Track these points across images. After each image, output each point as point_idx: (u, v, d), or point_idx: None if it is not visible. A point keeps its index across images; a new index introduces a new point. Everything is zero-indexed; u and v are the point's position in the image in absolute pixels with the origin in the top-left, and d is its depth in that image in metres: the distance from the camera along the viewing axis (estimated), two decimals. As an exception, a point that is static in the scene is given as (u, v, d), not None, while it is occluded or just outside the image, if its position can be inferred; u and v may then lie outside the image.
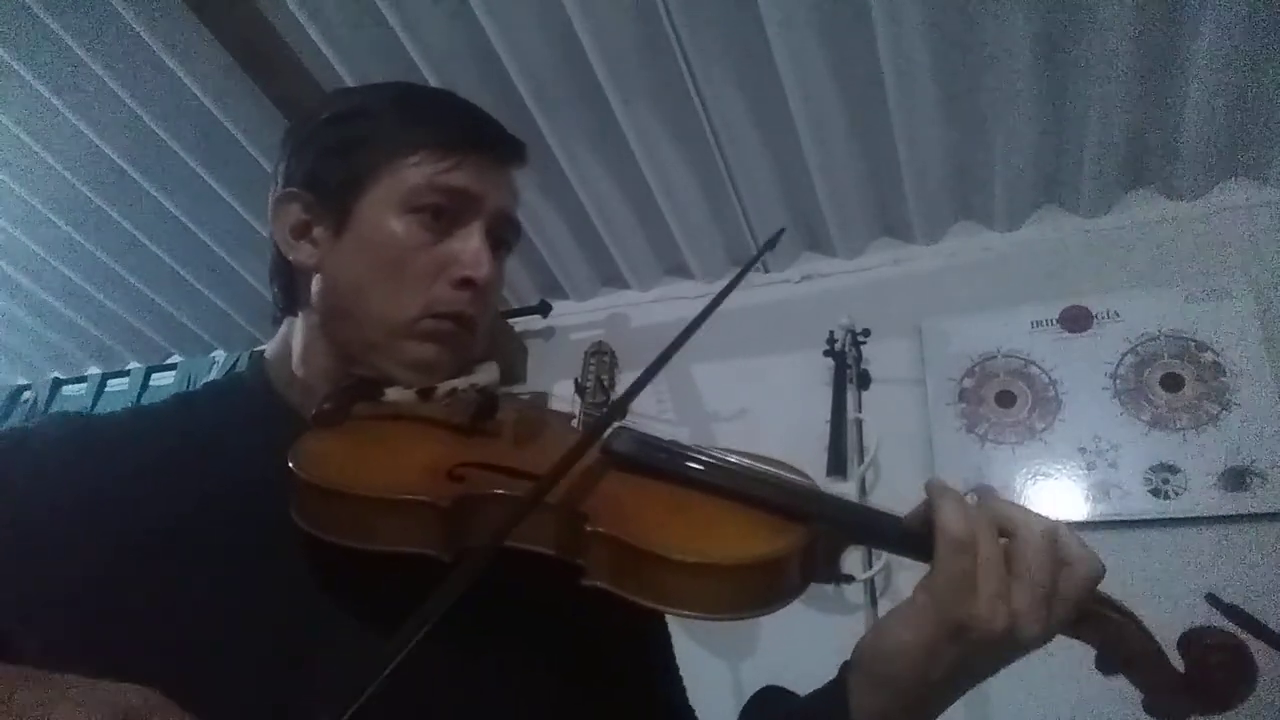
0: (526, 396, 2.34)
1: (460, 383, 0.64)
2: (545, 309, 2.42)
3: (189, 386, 2.73)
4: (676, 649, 0.74)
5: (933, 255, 2.07)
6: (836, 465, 1.84)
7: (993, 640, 0.48)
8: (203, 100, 1.99)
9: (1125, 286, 1.84)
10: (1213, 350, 1.72)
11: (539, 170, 1.96)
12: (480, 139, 0.67)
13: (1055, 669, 1.04)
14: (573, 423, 1.31)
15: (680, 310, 2.31)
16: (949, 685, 0.51)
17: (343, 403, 0.61)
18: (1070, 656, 0.57)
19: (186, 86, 1.96)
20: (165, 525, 0.55)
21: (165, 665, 0.49)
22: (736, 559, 0.51)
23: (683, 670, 0.74)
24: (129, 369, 3.09)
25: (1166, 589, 1.50)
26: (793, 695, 0.65)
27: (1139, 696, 0.54)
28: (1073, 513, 1.68)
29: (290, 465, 0.53)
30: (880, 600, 1.75)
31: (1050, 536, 0.50)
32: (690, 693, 0.74)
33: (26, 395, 3.21)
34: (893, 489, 1.88)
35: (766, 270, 2.22)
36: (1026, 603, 0.48)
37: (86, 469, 0.57)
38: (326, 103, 0.72)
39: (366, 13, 1.73)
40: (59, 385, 3.19)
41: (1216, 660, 0.51)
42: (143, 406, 0.72)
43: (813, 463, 1.83)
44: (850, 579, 1.73)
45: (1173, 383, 1.73)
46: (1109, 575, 0.50)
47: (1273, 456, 1.59)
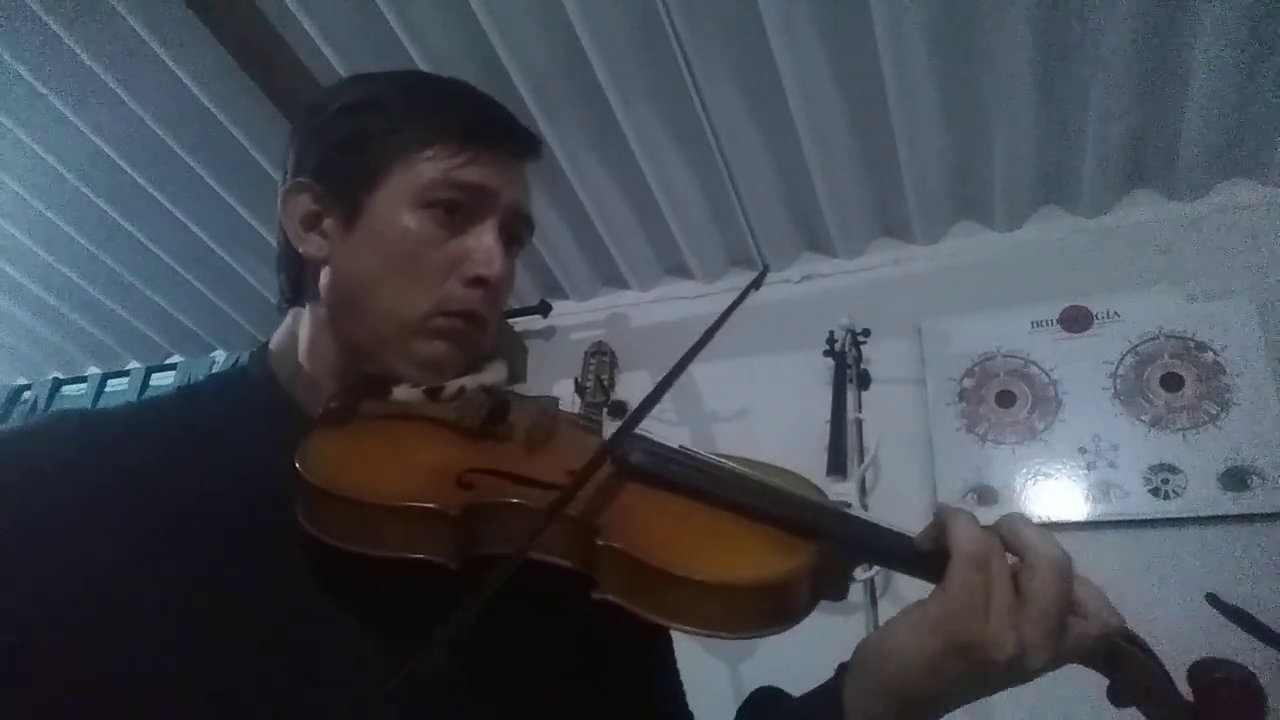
0: (538, 397, 2.32)
1: (468, 381, 0.64)
2: (545, 309, 2.42)
3: (189, 386, 2.72)
4: (676, 649, 0.74)
5: (933, 255, 2.07)
6: (836, 465, 1.83)
7: (997, 662, 0.48)
8: (203, 101, 1.99)
9: (1125, 286, 1.84)
10: (1213, 350, 1.71)
11: (539, 170, 1.95)
12: (496, 133, 0.66)
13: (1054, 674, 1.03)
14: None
15: (680, 310, 2.30)
16: (948, 698, 0.51)
17: (350, 401, 0.60)
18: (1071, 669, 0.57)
19: (187, 87, 1.96)
20: (166, 523, 0.55)
21: (166, 662, 0.50)
22: (749, 579, 0.50)
23: (682, 671, 0.74)
24: (129, 369, 3.09)
25: (1166, 589, 1.50)
26: (787, 696, 0.65)
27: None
28: (1073, 513, 1.68)
29: (297, 467, 0.53)
30: (880, 600, 1.75)
31: (1063, 572, 0.49)
32: (689, 694, 0.74)
33: (26, 395, 3.20)
34: (893, 489, 1.88)
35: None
36: (1037, 633, 0.48)
37: (87, 467, 0.56)
38: (338, 92, 0.70)
39: (366, 13, 1.72)
40: (59, 385, 3.19)
41: (1225, 693, 0.50)
42: (145, 400, 0.71)
43: (813, 463, 1.83)
44: (850, 579, 1.72)
45: (1173, 383, 1.73)
46: (1109, 576, 0.50)
47: (1273, 456, 1.59)
